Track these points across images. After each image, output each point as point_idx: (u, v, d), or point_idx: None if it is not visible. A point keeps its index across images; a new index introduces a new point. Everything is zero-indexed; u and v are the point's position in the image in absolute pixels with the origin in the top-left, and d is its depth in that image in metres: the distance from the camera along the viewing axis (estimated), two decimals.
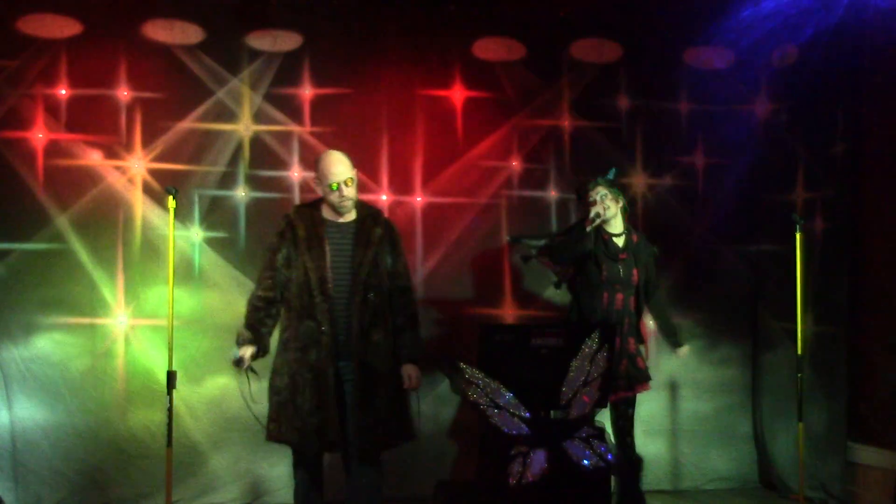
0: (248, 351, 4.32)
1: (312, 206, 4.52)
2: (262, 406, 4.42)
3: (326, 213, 4.46)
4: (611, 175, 5.15)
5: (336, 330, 4.32)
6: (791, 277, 5.47)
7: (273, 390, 4.40)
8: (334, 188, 4.35)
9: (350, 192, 4.38)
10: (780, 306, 6.09)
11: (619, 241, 5.14)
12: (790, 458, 5.90)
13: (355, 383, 4.32)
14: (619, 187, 5.16)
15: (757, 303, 6.39)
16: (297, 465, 4.50)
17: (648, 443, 5.87)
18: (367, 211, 4.54)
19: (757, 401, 6.38)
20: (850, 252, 5.70)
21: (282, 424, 4.34)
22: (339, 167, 4.37)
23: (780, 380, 6.09)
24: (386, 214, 5.92)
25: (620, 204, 5.14)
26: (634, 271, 5.12)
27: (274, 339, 4.50)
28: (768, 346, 6.28)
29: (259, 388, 4.39)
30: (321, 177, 4.39)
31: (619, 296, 5.10)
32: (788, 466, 5.97)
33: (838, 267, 5.73)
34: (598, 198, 5.04)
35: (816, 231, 5.87)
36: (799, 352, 5.43)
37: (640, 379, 5.11)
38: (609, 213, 5.06)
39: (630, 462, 5.11)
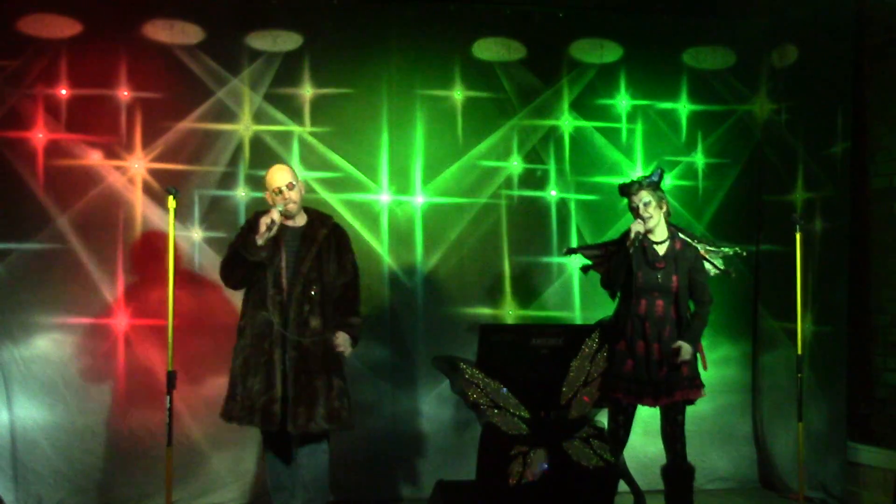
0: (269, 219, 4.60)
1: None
2: None
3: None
4: (655, 177, 4.98)
5: (286, 321, 4.66)
6: (791, 277, 5.47)
7: (230, 374, 4.79)
8: (276, 194, 4.74)
9: (292, 195, 4.74)
10: (780, 306, 6.09)
11: (661, 249, 4.98)
12: (790, 458, 5.90)
13: (292, 365, 4.64)
14: (662, 190, 5.01)
15: (757, 303, 6.40)
16: (265, 446, 4.87)
17: (648, 443, 5.86)
18: (315, 216, 4.90)
19: (757, 401, 6.38)
20: (850, 252, 5.70)
21: (233, 404, 4.69)
22: (279, 174, 4.79)
23: (780, 380, 6.09)
24: (385, 215, 5.98)
25: (664, 209, 4.99)
26: (674, 278, 4.94)
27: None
28: (768, 346, 6.28)
29: None
30: (267, 186, 4.81)
31: (660, 303, 4.95)
32: (788, 466, 5.97)
33: (838, 267, 5.73)
34: (640, 204, 4.91)
35: (816, 231, 5.87)
36: (799, 352, 5.43)
37: (683, 385, 4.94)
38: (652, 223, 4.92)
39: (680, 470, 5.03)
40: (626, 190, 5.01)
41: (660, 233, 4.99)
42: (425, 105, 6.06)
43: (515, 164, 6.19)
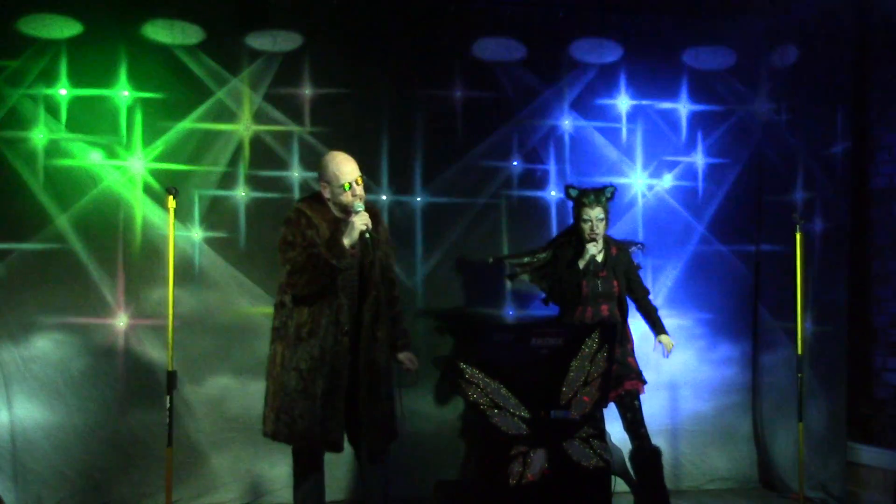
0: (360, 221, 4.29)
1: (320, 202, 4.45)
2: None
3: (336, 212, 4.42)
4: (609, 194, 5.17)
5: (358, 332, 4.37)
6: (791, 277, 5.47)
7: (278, 384, 4.33)
8: (347, 188, 4.32)
9: (361, 190, 4.35)
10: (780, 306, 6.09)
11: (599, 258, 5.19)
12: (790, 458, 5.89)
13: (363, 380, 4.36)
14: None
15: (757, 303, 6.40)
16: (298, 463, 4.48)
17: None
18: (370, 211, 4.51)
19: (757, 401, 6.38)
20: (850, 252, 5.70)
21: (288, 422, 4.30)
22: (349, 166, 4.35)
23: (780, 380, 6.09)
24: (385, 215, 5.97)
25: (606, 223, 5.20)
26: (615, 283, 5.20)
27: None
28: (768, 346, 6.28)
29: None
30: (331, 178, 4.35)
31: (604, 307, 5.18)
32: (788, 466, 5.97)
33: (838, 267, 5.73)
34: (594, 220, 5.10)
35: (816, 231, 5.87)
36: (799, 352, 5.43)
37: (632, 376, 5.12)
38: (599, 238, 5.15)
39: (649, 454, 5.10)
40: (580, 199, 5.15)
41: (598, 244, 5.20)
42: (425, 105, 6.06)
43: (515, 164, 6.19)
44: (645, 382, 5.21)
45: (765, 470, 6.30)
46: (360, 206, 4.30)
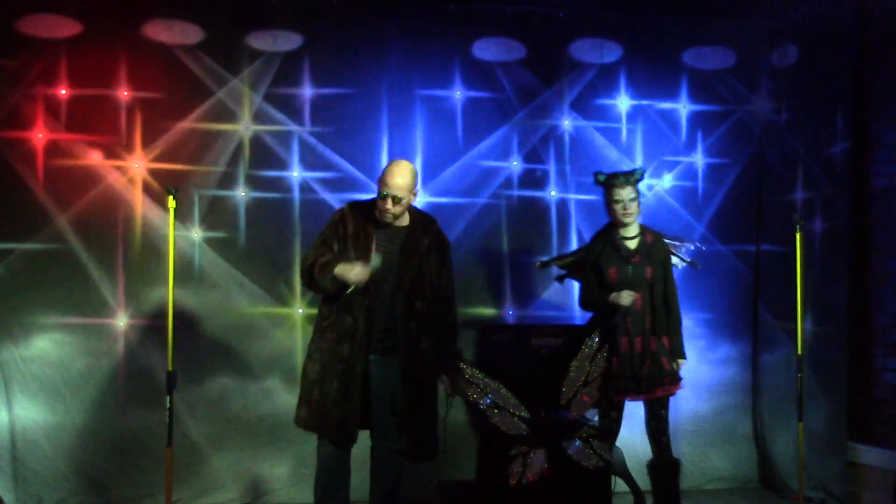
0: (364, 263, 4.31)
1: (368, 204, 4.53)
2: None
3: (378, 214, 4.46)
4: (638, 175, 5.08)
5: (371, 328, 4.36)
6: (791, 277, 5.47)
7: (304, 376, 4.49)
8: (381, 196, 4.37)
9: (394, 208, 4.36)
10: (780, 306, 6.09)
11: (632, 244, 5.08)
12: (790, 458, 5.90)
13: (404, 389, 4.38)
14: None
15: (757, 303, 6.40)
16: (320, 453, 4.50)
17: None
18: (418, 219, 4.56)
19: (757, 401, 6.38)
20: (849, 252, 5.70)
21: (307, 410, 4.41)
22: (395, 179, 4.35)
23: (780, 380, 6.09)
24: None
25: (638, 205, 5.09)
26: (648, 269, 5.04)
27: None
28: (768, 346, 6.29)
29: None
30: (379, 180, 4.42)
31: (638, 295, 5.02)
32: (788, 466, 5.97)
33: (838, 267, 5.73)
34: (626, 200, 4.99)
35: (816, 231, 5.87)
36: (799, 352, 5.43)
37: (665, 381, 4.99)
38: (631, 219, 5.04)
39: (667, 463, 5.05)
40: (610, 182, 5.07)
41: (632, 229, 5.10)
42: (425, 105, 6.07)
43: (515, 164, 6.19)
44: (680, 379, 5.08)
45: (765, 470, 6.30)
46: (376, 258, 4.32)
